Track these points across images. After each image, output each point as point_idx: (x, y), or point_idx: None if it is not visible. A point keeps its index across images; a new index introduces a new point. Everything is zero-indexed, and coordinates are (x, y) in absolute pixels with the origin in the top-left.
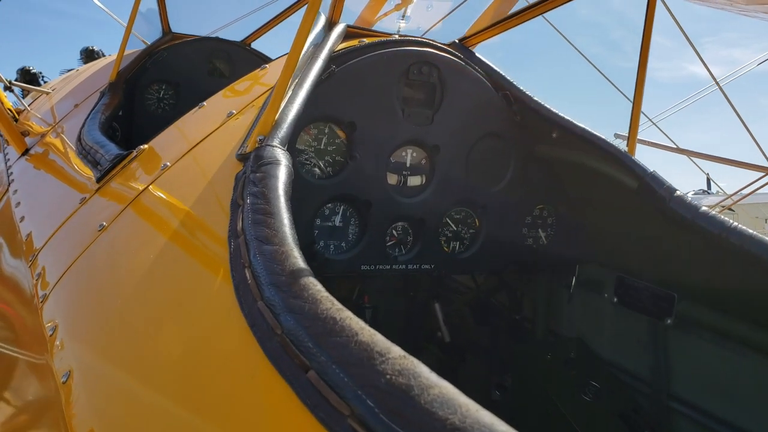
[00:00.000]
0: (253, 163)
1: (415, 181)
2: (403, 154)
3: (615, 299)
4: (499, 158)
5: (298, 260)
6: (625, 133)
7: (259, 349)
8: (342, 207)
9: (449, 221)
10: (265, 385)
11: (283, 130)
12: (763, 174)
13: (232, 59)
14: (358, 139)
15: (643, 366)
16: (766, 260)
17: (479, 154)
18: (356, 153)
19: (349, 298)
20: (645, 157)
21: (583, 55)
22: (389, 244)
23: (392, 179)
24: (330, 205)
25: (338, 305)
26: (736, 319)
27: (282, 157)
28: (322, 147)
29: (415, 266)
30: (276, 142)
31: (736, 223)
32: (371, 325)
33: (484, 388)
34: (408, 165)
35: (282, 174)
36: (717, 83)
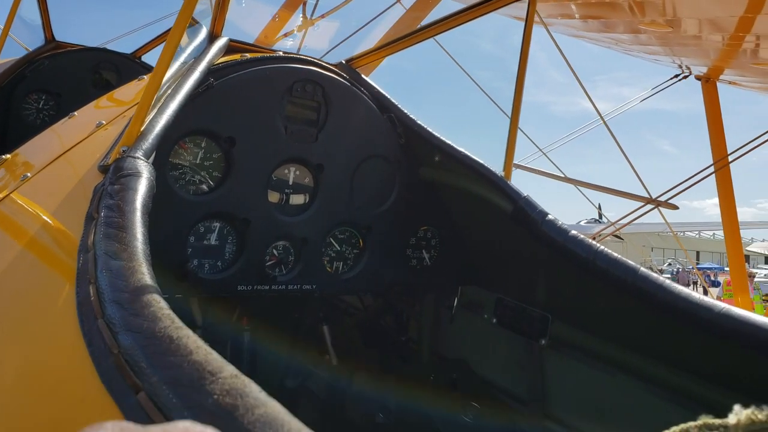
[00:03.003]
0: (112, 175)
1: (297, 199)
2: (286, 171)
3: (494, 320)
4: (384, 179)
5: (145, 276)
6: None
7: (93, 369)
8: (218, 225)
9: (333, 241)
10: (95, 409)
11: (149, 141)
12: (643, 203)
13: (120, 71)
14: (238, 155)
15: (521, 387)
16: (630, 283)
17: (364, 174)
18: (235, 169)
19: (227, 321)
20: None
21: (470, 77)
22: (269, 263)
23: (273, 197)
24: (206, 222)
25: (178, 323)
26: (605, 340)
27: (144, 169)
28: (198, 162)
29: (295, 286)
30: (139, 154)
31: (603, 247)
32: (250, 349)
33: (369, 411)
34: (290, 183)
35: (141, 187)
36: (601, 117)
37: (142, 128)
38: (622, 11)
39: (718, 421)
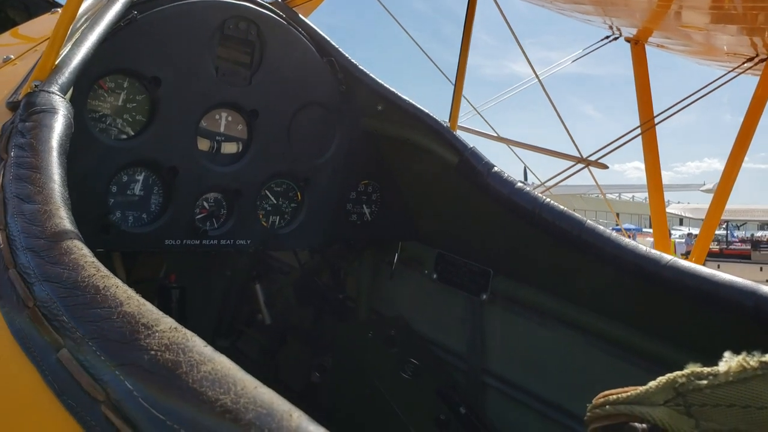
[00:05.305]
0: (23, 111)
1: (230, 148)
2: (217, 117)
3: (435, 276)
4: (324, 129)
5: (64, 221)
6: None
7: (4, 326)
8: (143, 173)
9: (269, 194)
10: (8, 369)
11: (65, 76)
12: (574, 163)
13: (30, 11)
14: (164, 97)
15: (460, 342)
16: (576, 236)
17: (302, 123)
18: (160, 113)
19: (154, 277)
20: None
21: (409, 34)
22: (199, 216)
23: (203, 145)
24: (129, 170)
25: (105, 272)
26: (547, 294)
27: (60, 105)
28: (120, 104)
29: (228, 242)
30: (54, 89)
31: (549, 200)
32: (178, 307)
33: (304, 370)
34: (222, 130)
35: (58, 124)
36: (536, 75)
37: (56, 62)
38: None
39: (707, 370)
